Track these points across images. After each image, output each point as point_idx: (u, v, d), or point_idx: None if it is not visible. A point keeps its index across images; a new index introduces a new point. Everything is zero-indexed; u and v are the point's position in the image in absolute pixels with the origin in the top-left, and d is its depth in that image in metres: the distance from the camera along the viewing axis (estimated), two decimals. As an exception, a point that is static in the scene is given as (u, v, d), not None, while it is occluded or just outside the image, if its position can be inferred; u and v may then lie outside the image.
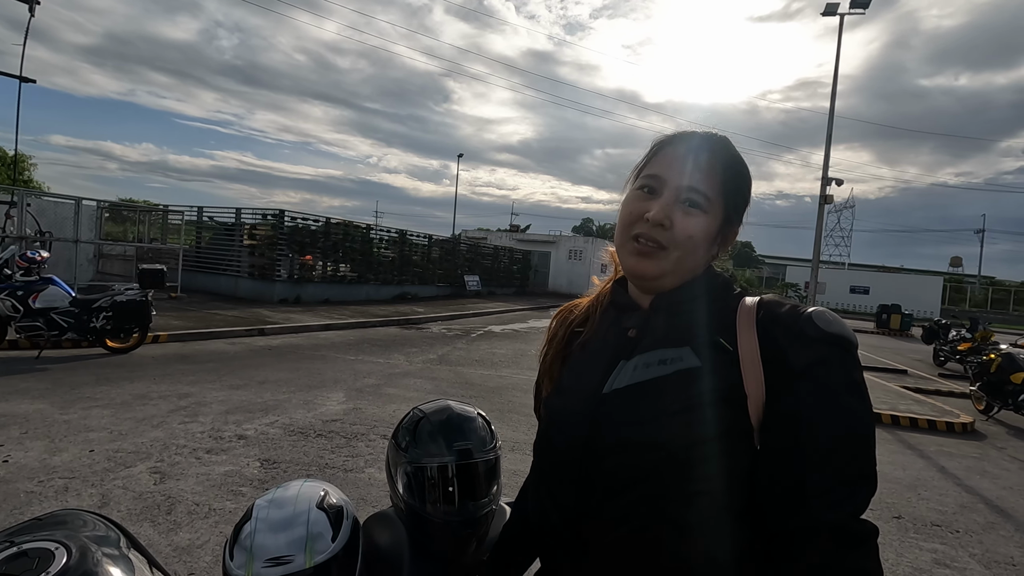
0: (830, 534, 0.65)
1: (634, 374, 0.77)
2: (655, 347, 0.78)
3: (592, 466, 0.76)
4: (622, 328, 0.84)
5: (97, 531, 0.82)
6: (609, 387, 0.78)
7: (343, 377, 6.60)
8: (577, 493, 0.78)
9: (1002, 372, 7.39)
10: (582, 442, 0.78)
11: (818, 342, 0.69)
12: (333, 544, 0.96)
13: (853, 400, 0.68)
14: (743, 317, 0.75)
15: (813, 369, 0.68)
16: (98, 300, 6.67)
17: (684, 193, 0.77)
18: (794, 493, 0.67)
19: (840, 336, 0.70)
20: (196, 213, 15.25)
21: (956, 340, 12.85)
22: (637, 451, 0.73)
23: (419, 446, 1.10)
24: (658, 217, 0.76)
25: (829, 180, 13.64)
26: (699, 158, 0.78)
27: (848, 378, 0.69)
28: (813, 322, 0.70)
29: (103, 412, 4.58)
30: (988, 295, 43.40)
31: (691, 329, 0.78)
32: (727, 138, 0.83)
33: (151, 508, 3.06)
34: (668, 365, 0.75)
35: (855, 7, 13.10)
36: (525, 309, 18.85)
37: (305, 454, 4.04)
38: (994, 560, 3.41)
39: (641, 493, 0.72)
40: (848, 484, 0.66)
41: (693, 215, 0.77)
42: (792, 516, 0.67)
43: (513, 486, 1.08)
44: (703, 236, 0.78)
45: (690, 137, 0.82)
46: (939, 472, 5.06)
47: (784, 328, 0.72)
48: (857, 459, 0.67)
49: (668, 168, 0.79)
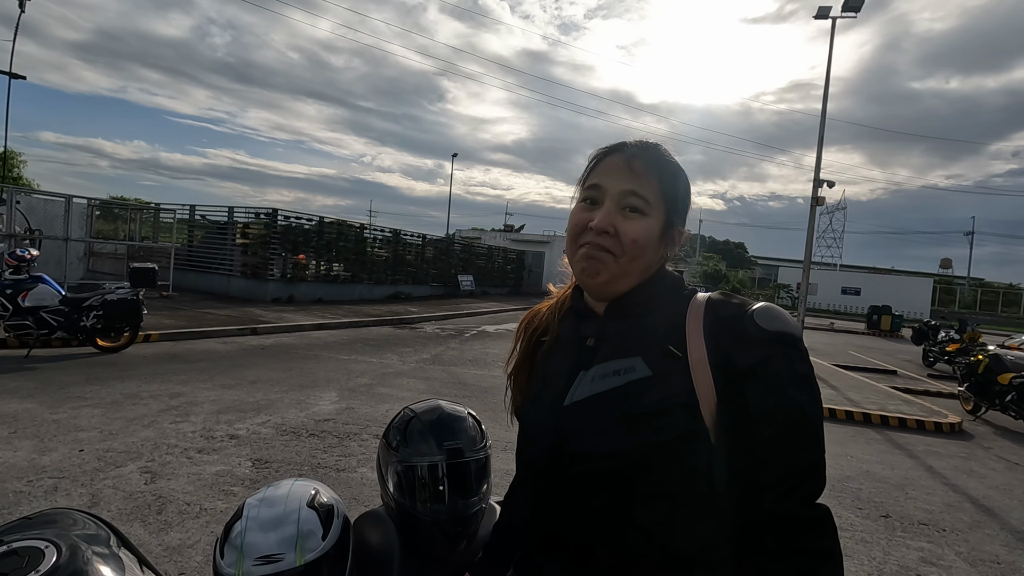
0: (783, 523, 0.70)
1: (591, 385, 0.81)
2: (610, 357, 0.82)
3: (559, 474, 0.81)
4: (581, 336, 0.87)
5: (87, 530, 0.82)
6: (569, 399, 0.82)
7: (336, 377, 6.59)
8: (548, 499, 0.83)
9: (990, 373, 7.47)
10: (549, 452, 0.82)
11: (761, 342, 0.73)
12: (323, 542, 0.97)
13: (798, 393, 0.72)
14: (692, 320, 0.79)
15: (757, 368, 0.72)
16: (88, 299, 6.62)
17: (624, 199, 0.81)
18: (748, 487, 0.71)
19: (781, 332, 0.73)
20: (188, 211, 15.15)
21: (945, 341, 12.97)
22: (597, 461, 0.77)
23: (410, 445, 1.11)
24: (601, 225, 0.80)
25: (821, 182, 13.73)
26: (634, 164, 0.82)
27: (792, 372, 0.72)
28: (755, 322, 0.74)
29: (93, 411, 4.55)
30: (977, 297, 43.84)
31: (642, 337, 0.81)
32: (660, 144, 0.87)
33: (142, 508, 3.04)
34: (621, 376, 0.79)
35: (847, 11, 13.19)
36: (519, 309, 18.86)
37: (297, 454, 4.03)
38: (979, 559, 3.45)
39: (605, 498, 0.77)
40: (797, 474, 0.71)
41: (634, 219, 0.80)
42: (748, 509, 0.71)
43: (504, 485, 1.09)
44: (647, 238, 0.81)
45: (624, 146, 0.85)
46: (927, 472, 5.12)
47: (728, 331, 0.75)
48: (804, 450, 0.71)
49: (606, 176, 0.83)
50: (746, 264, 60.98)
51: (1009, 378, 7.15)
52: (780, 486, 0.70)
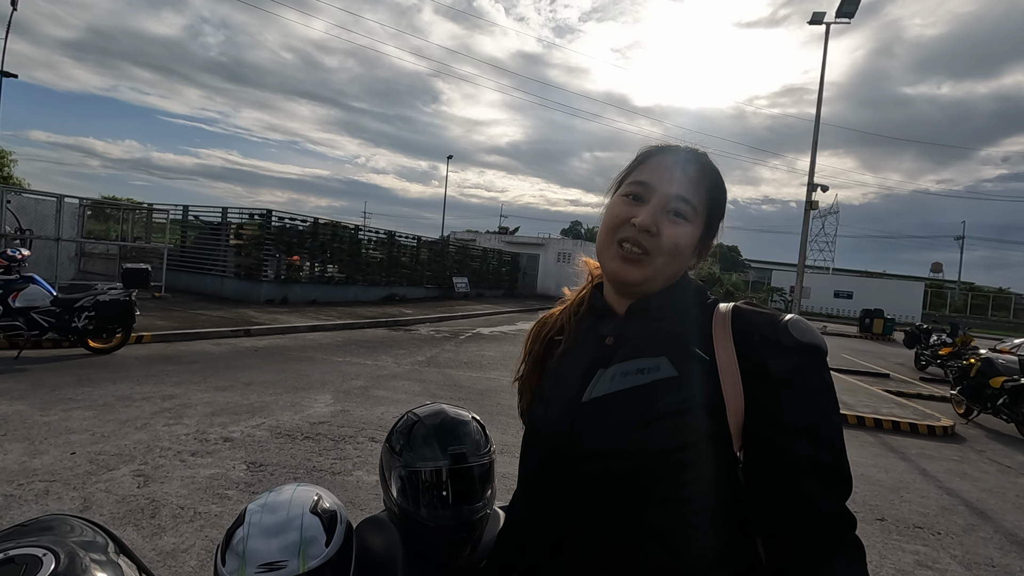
0: (829, 522, 0.70)
1: (612, 383, 0.79)
2: (632, 356, 0.80)
3: (572, 473, 0.79)
4: (599, 336, 0.86)
5: (85, 536, 0.81)
6: (588, 396, 0.81)
7: (330, 379, 6.55)
8: (558, 499, 0.80)
9: (982, 376, 7.54)
10: (562, 450, 0.80)
11: (795, 351, 0.72)
12: (327, 549, 0.95)
13: (828, 404, 0.72)
14: (719, 326, 0.78)
15: (792, 377, 0.71)
16: (80, 299, 6.55)
17: (672, 202, 0.80)
18: (781, 496, 0.71)
19: (814, 345, 0.73)
20: (181, 212, 15.06)
21: (937, 345, 13.08)
22: (614, 459, 0.76)
23: (413, 450, 1.10)
24: (646, 223, 0.78)
25: (815, 186, 13.83)
26: (687, 170, 0.81)
27: (823, 383, 0.73)
28: (789, 332, 0.73)
29: (85, 414, 4.50)
30: (968, 300, 44.26)
31: (668, 338, 0.80)
32: (708, 155, 0.87)
33: (134, 512, 3.01)
34: (645, 375, 0.78)
35: (841, 16, 13.29)
36: (513, 311, 18.85)
37: (292, 457, 4.00)
38: (974, 561, 3.47)
39: (619, 499, 0.75)
40: (831, 485, 0.71)
41: (679, 224, 0.80)
42: (779, 518, 0.71)
43: (504, 490, 1.08)
44: (687, 245, 0.81)
45: (678, 149, 0.84)
46: (921, 475, 5.15)
47: (761, 337, 0.75)
48: (837, 460, 0.71)
49: (657, 176, 0.81)
50: (740, 267, 61.28)
51: (1001, 382, 7.21)
52: (831, 492, 0.70)
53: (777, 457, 0.72)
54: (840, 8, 13.14)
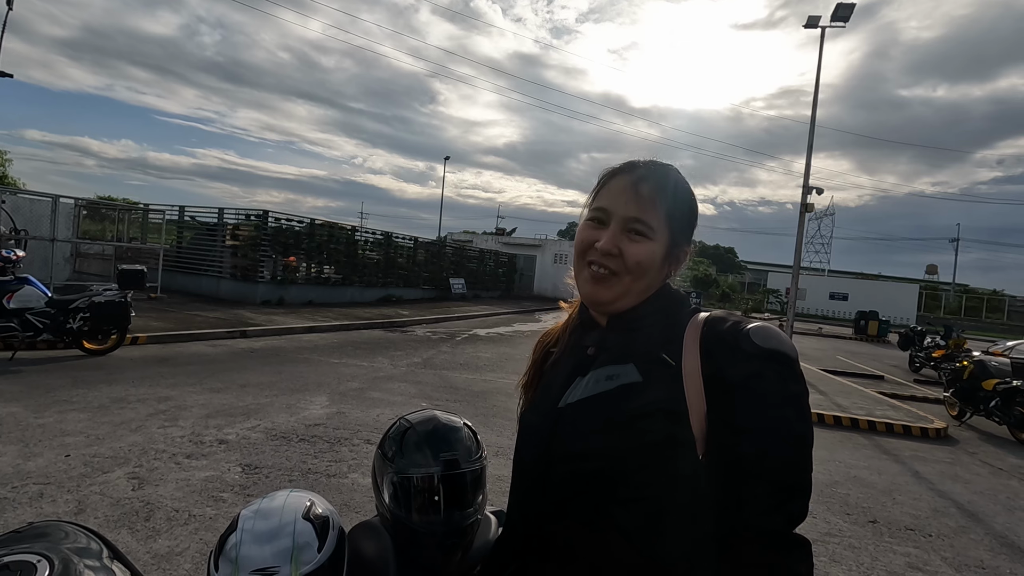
0: (762, 541, 0.70)
1: (585, 389, 0.84)
2: (607, 363, 0.85)
3: (548, 475, 0.83)
4: (583, 346, 0.91)
5: (79, 542, 0.82)
6: (564, 402, 0.86)
7: (326, 380, 6.55)
8: (537, 502, 0.85)
9: (974, 379, 7.58)
10: (542, 453, 0.85)
11: (754, 357, 0.74)
12: (319, 555, 0.96)
13: (788, 412, 0.72)
14: (690, 333, 0.81)
15: (748, 382, 0.73)
16: (75, 301, 6.53)
17: (628, 224, 0.83)
18: (730, 501, 0.72)
19: (775, 351, 0.74)
20: (177, 212, 15.02)
21: (931, 347, 13.15)
22: (582, 460, 0.80)
23: (405, 456, 1.11)
24: (606, 247, 0.83)
25: (810, 188, 13.89)
26: (640, 189, 0.84)
27: (784, 391, 0.73)
28: (750, 338, 0.75)
29: (79, 416, 4.49)
30: (962, 303, 44.45)
31: (638, 346, 0.84)
32: (670, 166, 0.89)
33: (129, 515, 3.00)
34: (612, 380, 0.82)
35: (836, 19, 13.36)
36: (510, 313, 18.86)
37: (287, 459, 4.00)
38: (965, 564, 3.50)
39: (588, 499, 0.79)
40: (779, 492, 0.71)
41: (639, 242, 0.83)
42: (728, 522, 0.72)
43: (498, 492, 1.09)
44: (650, 261, 0.84)
45: (632, 168, 0.87)
46: (913, 477, 5.18)
47: (723, 344, 0.77)
48: (789, 469, 0.71)
49: (613, 200, 0.86)
50: (736, 269, 61.44)
51: (993, 384, 7.26)
52: (761, 501, 0.70)
53: (725, 461, 0.73)
54: (835, 12, 13.21)
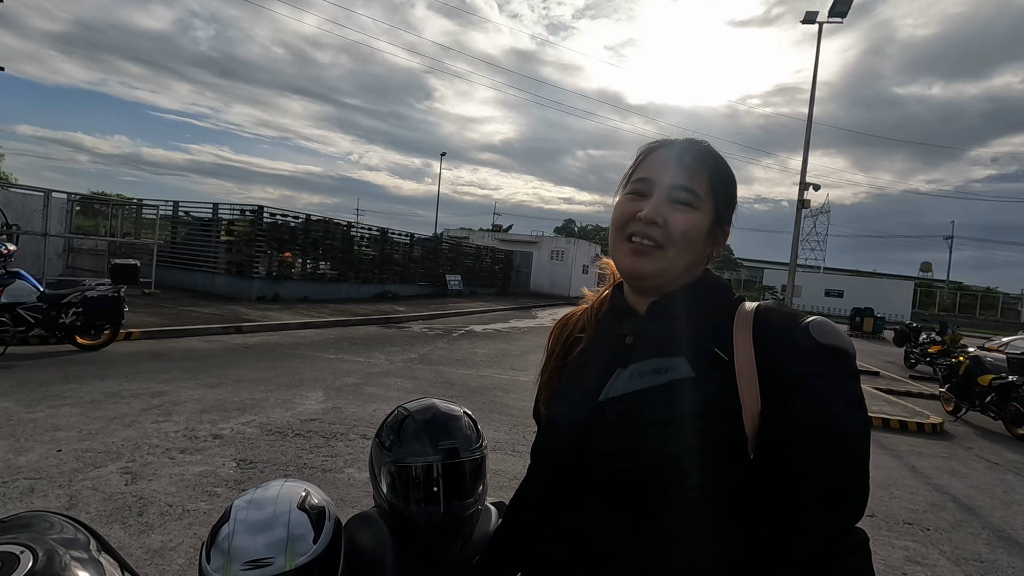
0: (820, 546, 0.66)
1: (628, 383, 0.78)
2: (650, 355, 0.79)
3: (587, 472, 0.77)
4: (619, 335, 0.84)
5: (65, 533, 0.78)
6: (605, 395, 0.79)
7: (322, 376, 6.51)
8: (572, 498, 0.79)
9: (970, 375, 7.60)
10: (578, 449, 0.79)
11: (813, 353, 0.69)
12: (315, 546, 0.93)
13: (848, 410, 0.68)
14: (740, 325, 0.76)
15: (807, 380, 0.68)
16: (68, 295, 6.47)
17: (674, 192, 0.79)
18: (787, 503, 0.68)
19: (835, 347, 0.70)
20: (171, 208, 14.91)
21: (926, 343, 13.19)
22: (629, 459, 0.74)
23: (404, 445, 1.08)
24: (651, 215, 0.77)
25: (806, 185, 13.91)
26: (685, 159, 0.80)
27: (843, 389, 0.69)
28: (808, 333, 0.70)
29: (72, 411, 4.44)
30: (956, 300, 44.74)
31: (686, 337, 0.78)
32: (709, 143, 0.85)
33: (122, 509, 2.97)
34: (662, 375, 0.76)
35: (834, 15, 13.36)
36: (507, 309, 18.84)
37: (283, 454, 3.96)
38: (963, 557, 3.50)
39: (633, 500, 0.73)
40: (839, 495, 0.67)
41: (685, 211, 0.78)
42: (784, 526, 0.68)
43: (495, 486, 1.07)
44: (697, 231, 0.79)
45: (674, 142, 0.84)
46: (910, 472, 5.18)
47: (780, 338, 0.72)
48: (849, 470, 0.67)
49: (656, 170, 0.81)
50: (732, 266, 61.58)
51: (989, 379, 7.28)
52: (820, 505, 0.67)
53: (781, 462, 0.69)
54: (833, 7, 13.21)
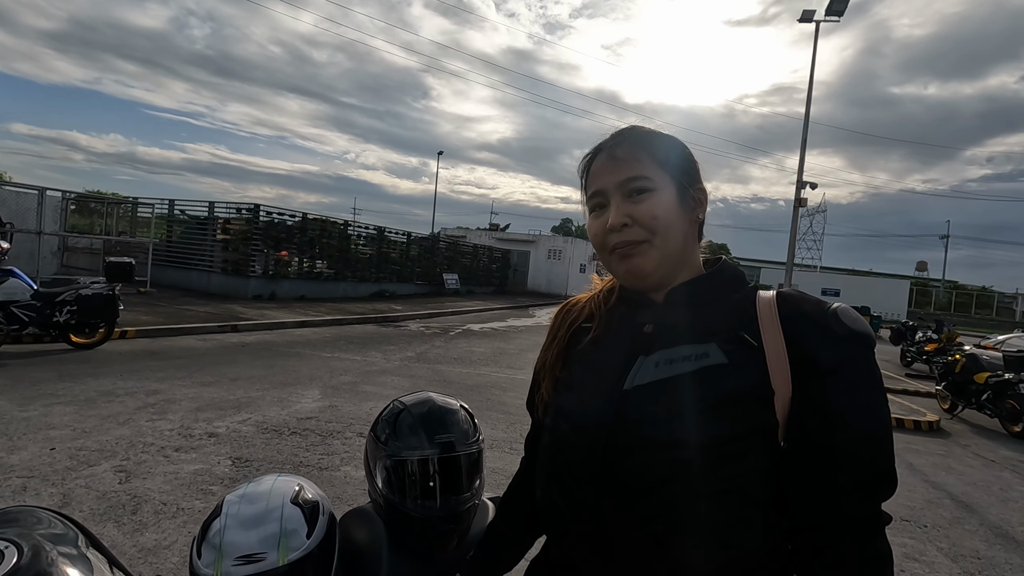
0: (857, 528, 0.68)
1: (656, 370, 0.75)
2: (676, 343, 0.77)
3: (615, 465, 0.74)
4: (637, 323, 0.82)
5: (53, 529, 0.76)
6: (630, 383, 0.76)
7: (319, 374, 6.48)
8: (598, 493, 0.75)
9: (966, 372, 7.62)
10: (603, 440, 0.75)
11: (846, 340, 0.70)
12: (308, 541, 0.92)
13: (877, 396, 0.70)
14: (764, 312, 0.75)
15: (841, 366, 0.69)
16: (62, 294, 6.42)
17: (624, 189, 0.78)
18: (826, 489, 0.68)
19: (865, 334, 0.71)
20: (167, 206, 14.84)
21: (923, 341, 13.22)
22: (663, 449, 0.71)
23: (399, 439, 1.06)
24: (616, 221, 0.77)
25: (803, 184, 13.92)
26: (617, 154, 0.80)
27: (873, 375, 0.70)
28: (840, 319, 0.71)
29: (66, 409, 4.41)
30: (952, 299, 44.94)
31: (713, 324, 0.76)
32: (635, 124, 0.84)
33: (115, 508, 2.94)
34: (693, 361, 0.74)
35: (831, 14, 13.38)
36: (504, 308, 18.83)
37: (279, 452, 3.94)
38: (960, 554, 3.50)
39: (669, 491, 0.71)
40: (875, 480, 0.68)
41: (644, 198, 0.77)
42: (821, 512, 0.69)
43: (492, 484, 1.05)
44: (666, 209, 0.77)
45: (603, 144, 0.84)
46: (907, 469, 5.19)
47: (811, 324, 0.72)
48: (883, 455, 0.69)
49: (600, 179, 0.81)
50: (728, 265, 61.61)
51: (985, 377, 7.30)
52: (861, 490, 0.68)
53: (817, 448, 0.69)
54: (829, 6, 13.23)
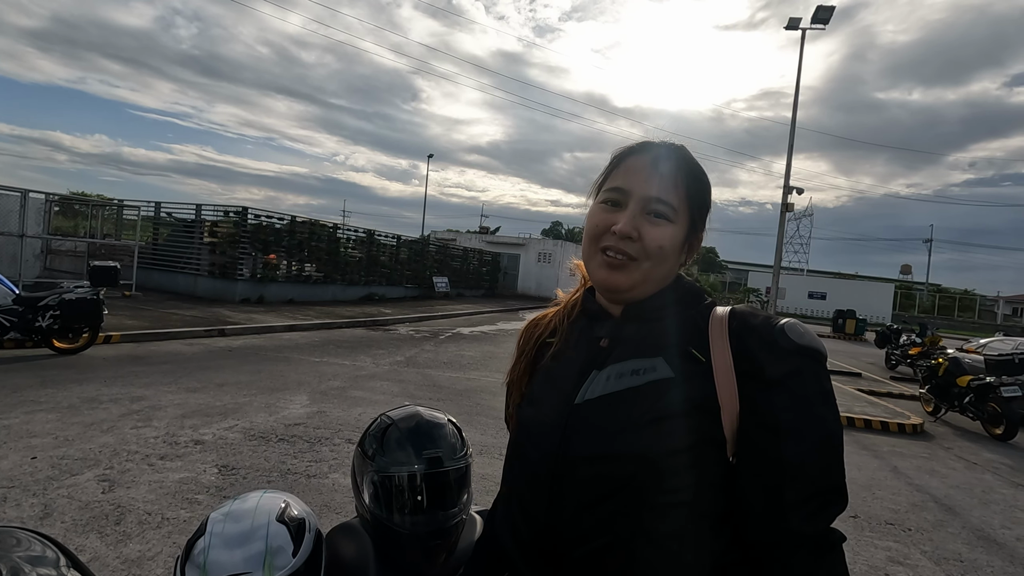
0: (808, 545, 0.68)
1: (607, 384, 0.77)
2: (627, 357, 0.78)
3: (565, 477, 0.76)
4: (594, 337, 0.83)
5: (32, 551, 0.75)
6: (581, 397, 0.78)
7: (307, 379, 6.43)
8: (548, 505, 0.77)
9: (949, 376, 7.74)
10: (554, 453, 0.77)
11: (792, 354, 0.70)
12: (294, 559, 0.91)
13: (825, 411, 0.70)
14: (715, 327, 0.76)
15: (788, 380, 0.69)
16: (44, 298, 6.32)
17: (650, 204, 0.77)
18: (771, 504, 0.68)
19: (813, 348, 0.71)
20: (153, 208, 14.68)
21: (907, 345, 13.41)
22: (611, 462, 0.73)
23: (387, 454, 1.06)
24: (626, 230, 0.76)
25: (790, 189, 14.09)
26: (662, 168, 0.79)
27: (820, 389, 0.70)
28: (786, 334, 0.71)
29: (48, 416, 4.33)
30: (935, 302, 45.61)
31: (663, 339, 0.78)
32: (685, 146, 0.83)
33: (98, 518, 2.90)
34: (641, 375, 0.75)
35: (816, 22, 13.55)
36: (494, 311, 18.81)
37: (266, 459, 3.90)
38: (943, 556, 3.55)
39: (616, 504, 0.72)
40: (823, 495, 0.68)
41: (660, 225, 0.77)
42: (770, 527, 0.69)
43: (483, 491, 1.05)
44: (672, 246, 0.78)
45: (651, 147, 0.81)
46: (892, 472, 5.25)
47: (758, 339, 0.72)
48: (831, 470, 0.69)
49: (632, 180, 0.79)
50: (717, 268, 62.15)
51: (967, 380, 7.42)
52: (808, 505, 0.68)
53: (763, 462, 0.69)
54: (815, 14, 13.41)
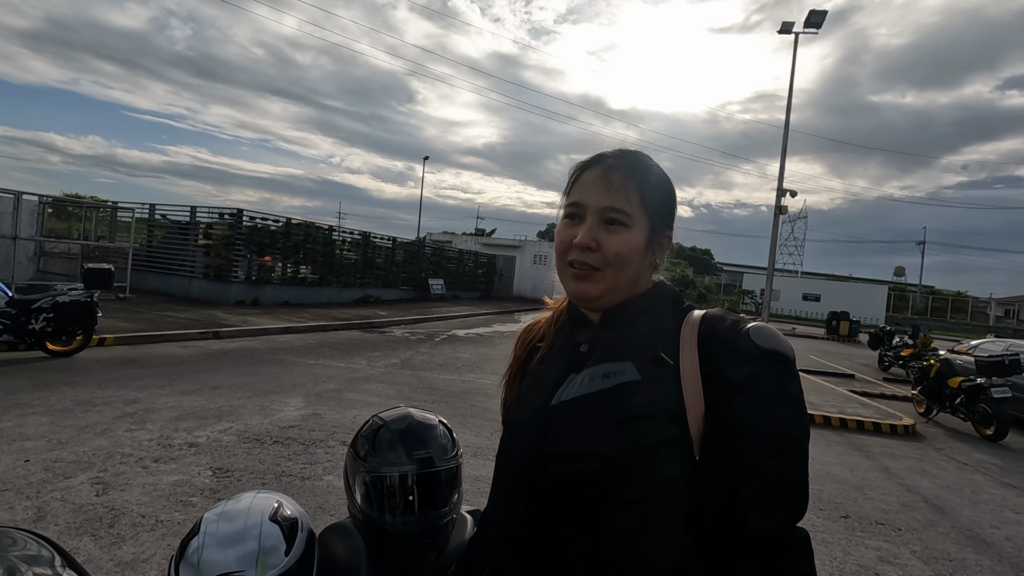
0: (765, 543, 0.69)
1: (580, 387, 0.81)
2: (602, 361, 0.82)
3: (539, 475, 0.80)
4: (575, 343, 0.88)
5: (28, 550, 0.77)
6: (556, 399, 0.83)
7: (302, 382, 6.43)
8: (527, 499, 0.82)
9: (940, 377, 7.80)
10: (532, 452, 0.82)
11: (755, 357, 0.73)
12: (287, 559, 0.93)
13: (787, 412, 0.72)
14: (687, 332, 0.79)
15: (749, 383, 0.72)
16: (38, 300, 6.30)
17: (605, 214, 0.81)
18: (730, 503, 0.71)
19: (776, 351, 0.73)
20: (148, 210, 14.63)
21: (900, 346, 13.51)
22: (577, 461, 0.77)
23: (378, 455, 1.08)
24: (583, 242, 0.81)
25: (784, 191, 14.18)
26: (612, 178, 0.82)
27: (783, 391, 0.72)
28: (750, 338, 0.74)
29: (41, 419, 4.32)
30: (928, 303, 45.90)
31: (636, 344, 0.81)
32: (640, 152, 0.87)
33: (92, 521, 2.90)
34: (610, 379, 0.79)
35: (809, 26, 13.65)
36: (490, 313, 18.82)
37: (260, 462, 3.91)
38: (933, 556, 3.58)
39: (582, 500, 0.76)
40: (781, 495, 0.70)
41: (617, 233, 0.81)
42: (728, 526, 0.71)
43: (477, 492, 1.07)
44: (631, 250, 0.81)
45: (603, 159, 0.86)
46: (883, 473, 5.30)
47: (722, 343, 0.75)
48: (790, 470, 0.71)
49: (586, 193, 0.84)
50: (712, 270, 62.39)
51: (958, 382, 7.48)
52: (765, 504, 0.70)
53: (724, 462, 0.72)
54: (808, 18, 13.51)
